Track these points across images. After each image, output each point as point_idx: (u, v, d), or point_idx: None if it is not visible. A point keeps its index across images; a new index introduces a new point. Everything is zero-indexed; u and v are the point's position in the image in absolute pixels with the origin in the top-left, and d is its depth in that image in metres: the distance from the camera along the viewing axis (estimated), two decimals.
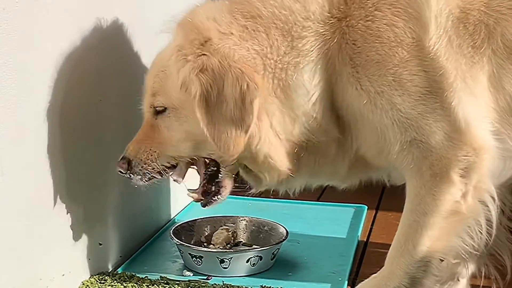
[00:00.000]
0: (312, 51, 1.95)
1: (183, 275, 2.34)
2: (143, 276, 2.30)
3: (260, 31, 1.97)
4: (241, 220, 2.63)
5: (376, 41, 1.89)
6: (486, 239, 2.01)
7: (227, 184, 2.19)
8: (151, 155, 2.09)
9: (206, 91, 1.93)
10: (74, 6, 2.12)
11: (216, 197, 2.20)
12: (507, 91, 1.92)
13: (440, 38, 1.88)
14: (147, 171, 2.10)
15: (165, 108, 2.06)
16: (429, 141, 1.89)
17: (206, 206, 2.22)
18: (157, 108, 2.07)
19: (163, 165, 2.10)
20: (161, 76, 2.07)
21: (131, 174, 2.11)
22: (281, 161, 2.03)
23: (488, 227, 1.99)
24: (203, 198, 2.20)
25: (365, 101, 1.92)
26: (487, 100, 1.92)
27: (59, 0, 2.03)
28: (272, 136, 2.00)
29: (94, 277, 2.27)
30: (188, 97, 1.97)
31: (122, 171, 2.12)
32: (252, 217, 2.64)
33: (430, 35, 1.88)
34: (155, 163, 2.09)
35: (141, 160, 2.09)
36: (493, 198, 1.96)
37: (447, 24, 1.89)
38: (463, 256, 2.05)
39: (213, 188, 2.19)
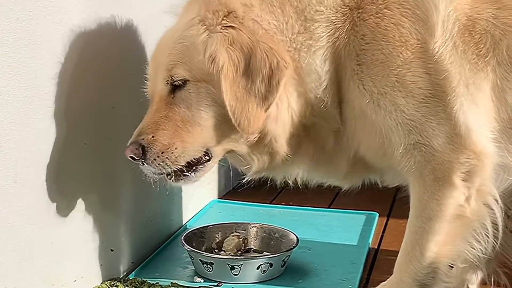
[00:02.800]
0: (323, 37, 1.94)
1: (194, 282, 2.35)
2: (154, 282, 2.31)
3: (276, 6, 1.95)
4: (252, 226, 2.64)
5: (383, 39, 1.89)
6: (493, 242, 2.00)
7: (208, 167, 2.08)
8: (173, 153, 1.96)
9: (233, 64, 1.89)
10: (88, 13, 2.14)
11: (191, 174, 2.05)
12: (509, 104, 1.92)
13: (446, 42, 1.88)
14: (164, 169, 1.98)
15: (185, 82, 1.95)
16: (432, 145, 1.89)
17: (178, 182, 2.06)
18: (176, 83, 1.96)
19: (182, 164, 1.99)
20: (179, 48, 1.96)
21: (144, 163, 1.99)
22: (283, 144, 2.01)
23: (494, 230, 1.99)
24: (134, 157, 1.98)
25: (367, 101, 1.91)
26: (488, 109, 1.92)
27: (72, 8, 2.06)
28: (287, 118, 1.98)
29: (106, 283, 2.28)
30: (213, 69, 1.91)
31: (134, 157, 1.99)
32: (263, 224, 2.65)
33: (436, 38, 1.88)
34: (175, 163, 1.98)
35: (159, 157, 1.96)
36: (496, 200, 1.96)
37: (453, 29, 1.89)
38: (472, 260, 2.04)
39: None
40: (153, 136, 1.97)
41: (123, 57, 2.36)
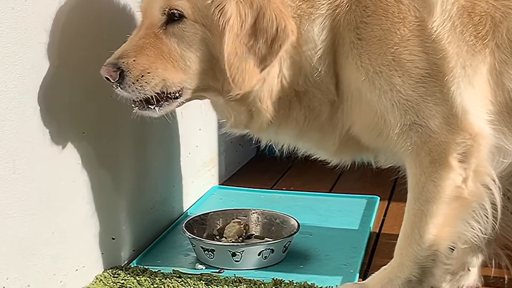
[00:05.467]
0: (324, 4, 1.93)
1: (195, 268, 2.36)
2: (156, 269, 2.31)
3: None
4: (253, 213, 2.64)
5: (383, 15, 1.88)
6: (493, 223, 1.99)
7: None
8: (153, 80, 1.91)
9: (240, 19, 1.87)
10: (86, 2, 2.13)
11: (156, 108, 1.99)
12: (506, 87, 1.90)
13: (444, 22, 1.87)
14: (140, 94, 1.92)
15: (182, 18, 1.90)
16: (429, 125, 1.88)
17: (142, 111, 2.01)
18: (174, 11, 1.90)
19: (157, 91, 1.93)
20: None
21: (119, 86, 1.93)
22: (268, 106, 1.99)
23: (493, 210, 1.98)
24: (110, 79, 1.92)
25: (363, 79, 1.90)
26: (485, 92, 1.91)
27: None
28: (275, 82, 1.97)
29: (108, 271, 2.29)
30: (218, 19, 1.88)
31: (110, 79, 1.92)
32: (264, 210, 2.65)
33: (434, 17, 1.86)
34: (153, 89, 1.92)
35: (138, 81, 1.90)
36: (494, 180, 1.95)
37: (452, 9, 1.88)
38: (472, 241, 2.03)
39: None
40: (134, 60, 1.92)
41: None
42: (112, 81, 1.93)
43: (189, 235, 2.41)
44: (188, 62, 1.94)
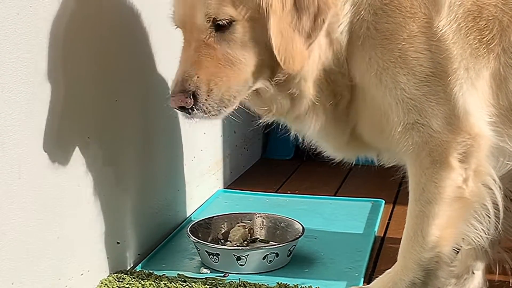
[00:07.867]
0: None
1: (200, 273, 2.36)
2: (161, 273, 2.32)
3: None
4: (258, 216, 2.64)
5: (397, 8, 1.88)
6: (495, 223, 1.99)
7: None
8: (221, 88, 1.87)
9: (281, 0, 1.84)
10: (91, 7, 2.14)
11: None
12: (511, 91, 1.90)
13: (451, 22, 1.87)
14: (212, 109, 1.88)
15: (231, 23, 1.85)
16: (431, 125, 1.88)
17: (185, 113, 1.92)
18: (221, 22, 1.85)
19: (227, 99, 1.90)
20: None
21: (195, 109, 1.87)
22: (310, 87, 1.97)
23: (495, 210, 1.97)
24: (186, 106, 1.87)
25: (372, 73, 1.90)
26: (486, 95, 1.91)
27: (75, 3, 2.05)
28: (316, 57, 1.93)
29: (113, 275, 2.29)
30: (260, 5, 1.83)
31: (186, 106, 1.86)
32: (268, 214, 2.65)
33: (441, 17, 1.87)
34: (223, 96, 1.88)
35: (209, 95, 1.86)
36: (494, 180, 1.94)
37: (458, 11, 1.88)
38: (475, 242, 2.02)
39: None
40: (198, 77, 1.86)
41: (127, 51, 2.36)
42: (188, 107, 1.87)
43: (194, 239, 2.41)
44: (244, 61, 1.89)
